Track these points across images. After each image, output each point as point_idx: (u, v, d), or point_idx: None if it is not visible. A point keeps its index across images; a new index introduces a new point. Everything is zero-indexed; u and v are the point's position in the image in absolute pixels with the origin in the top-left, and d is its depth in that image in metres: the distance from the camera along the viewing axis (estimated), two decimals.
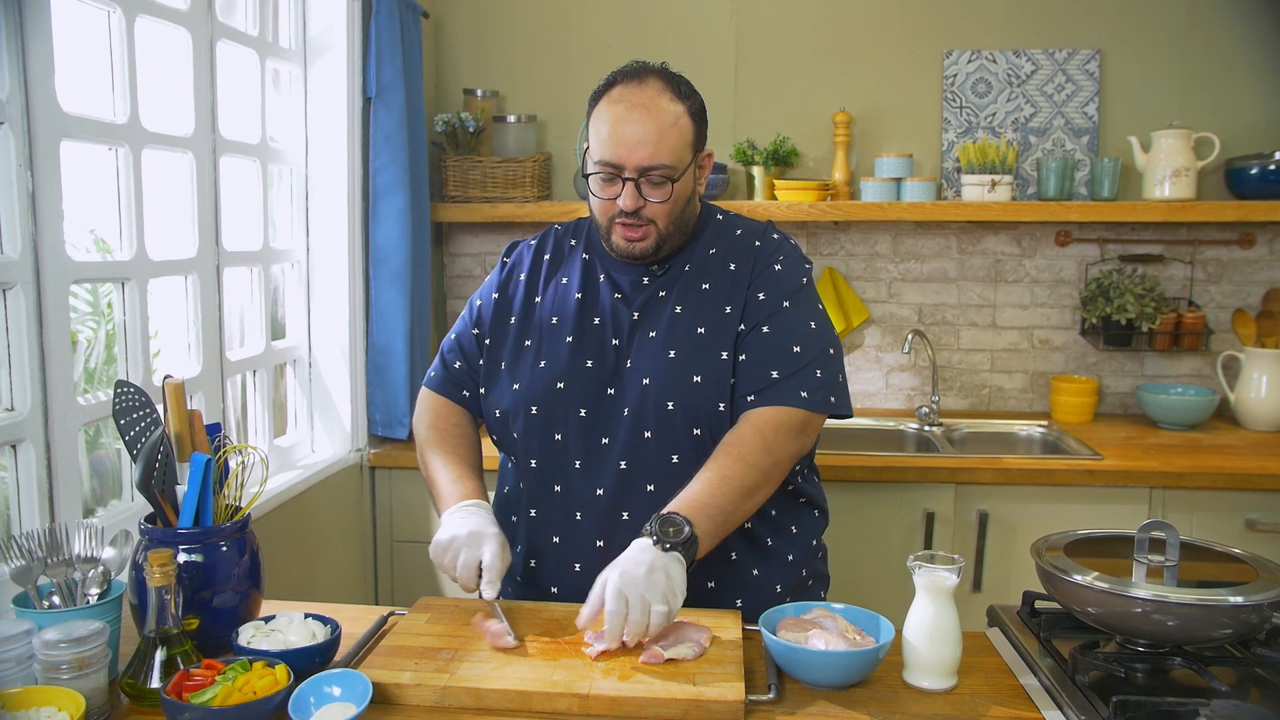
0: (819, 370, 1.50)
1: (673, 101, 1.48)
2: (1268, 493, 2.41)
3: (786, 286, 1.55)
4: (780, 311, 1.53)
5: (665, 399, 1.49)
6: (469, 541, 1.41)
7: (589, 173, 1.51)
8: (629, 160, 1.45)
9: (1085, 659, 1.23)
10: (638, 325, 1.55)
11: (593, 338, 1.55)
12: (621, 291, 1.58)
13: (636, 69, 1.51)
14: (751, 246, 1.58)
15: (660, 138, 1.45)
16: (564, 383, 1.53)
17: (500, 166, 2.92)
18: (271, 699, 1.10)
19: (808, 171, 3.06)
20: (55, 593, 1.26)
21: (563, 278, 1.62)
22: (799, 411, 1.48)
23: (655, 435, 1.50)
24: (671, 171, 1.47)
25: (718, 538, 1.40)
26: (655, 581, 1.26)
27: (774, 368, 1.49)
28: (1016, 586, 2.46)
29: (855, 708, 1.18)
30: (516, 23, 3.08)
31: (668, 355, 1.51)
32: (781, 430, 1.47)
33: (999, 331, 3.09)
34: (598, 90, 1.52)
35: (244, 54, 2.22)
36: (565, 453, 1.53)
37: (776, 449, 1.46)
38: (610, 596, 1.25)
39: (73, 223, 1.66)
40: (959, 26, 2.99)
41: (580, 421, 1.52)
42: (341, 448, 2.57)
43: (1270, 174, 2.75)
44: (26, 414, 1.53)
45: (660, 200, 1.48)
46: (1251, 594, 1.18)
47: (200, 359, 2.03)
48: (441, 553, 1.43)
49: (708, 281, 1.56)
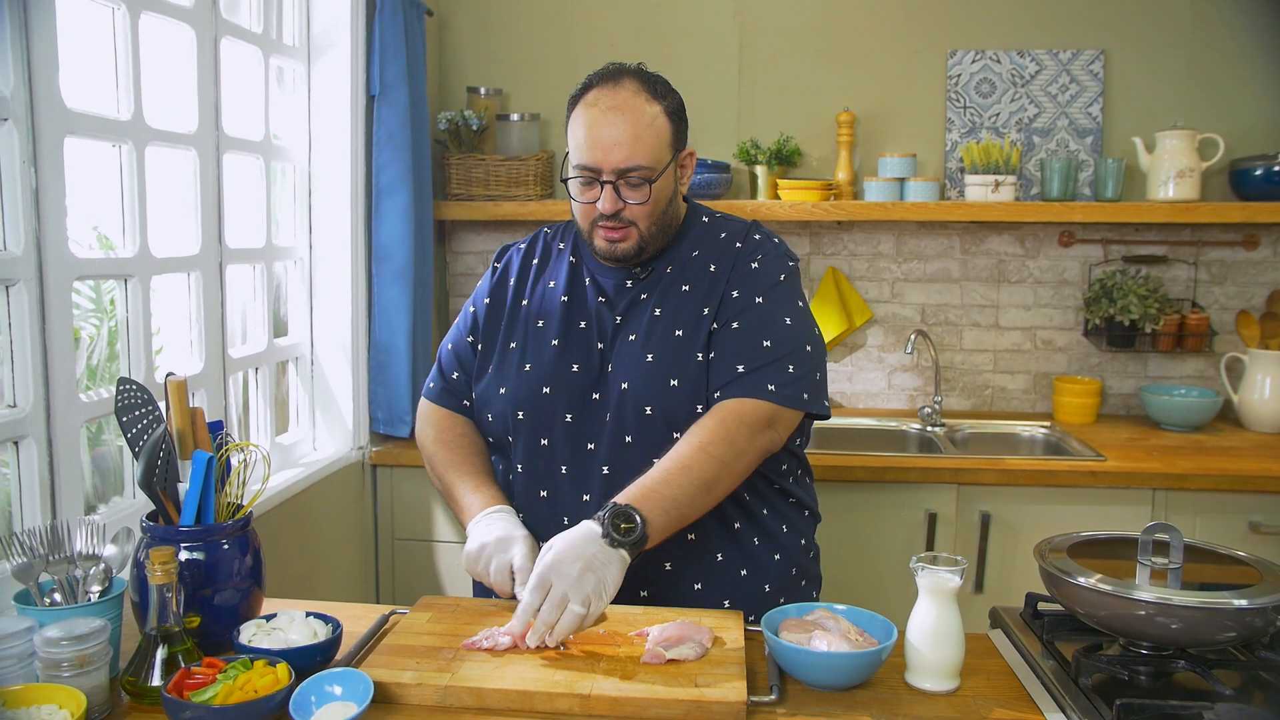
0: (791, 366, 1.47)
1: (649, 102, 1.47)
2: (1271, 495, 2.40)
3: (762, 283, 1.53)
4: (752, 307, 1.50)
5: (644, 403, 1.48)
6: (498, 547, 1.41)
7: (567, 177, 1.50)
8: (605, 163, 1.45)
9: (1088, 661, 1.23)
10: (620, 329, 1.54)
11: (578, 341, 1.54)
12: (605, 295, 1.57)
13: (612, 71, 1.50)
14: (732, 248, 1.57)
15: (636, 139, 1.44)
16: (550, 387, 1.52)
17: (503, 165, 2.91)
18: (273, 698, 1.10)
19: (811, 171, 3.06)
20: (56, 590, 1.26)
21: (549, 281, 1.61)
22: (765, 404, 1.44)
23: (636, 440, 1.49)
24: (649, 173, 1.46)
25: (669, 532, 1.37)
26: (584, 583, 1.25)
27: (740, 362, 1.46)
28: (1019, 588, 2.44)
29: (857, 709, 1.18)
30: (520, 21, 3.08)
31: (646, 359, 1.50)
32: (745, 423, 1.43)
33: (1002, 332, 3.09)
34: (574, 94, 1.51)
35: (248, 51, 2.22)
36: (552, 458, 1.52)
37: (739, 441, 1.42)
38: (532, 585, 1.25)
39: (76, 219, 1.66)
40: (963, 26, 2.98)
41: (566, 427, 1.52)
42: (343, 445, 2.57)
43: (1275, 175, 2.75)
44: (29, 410, 1.53)
45: (639, 201, 1.47)
46: (1255, 597, 1.18)
47: (202, 356, 2.03)
48: (474, 562, 1.43)
49: (688, 284, 1.54)
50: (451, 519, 2.62)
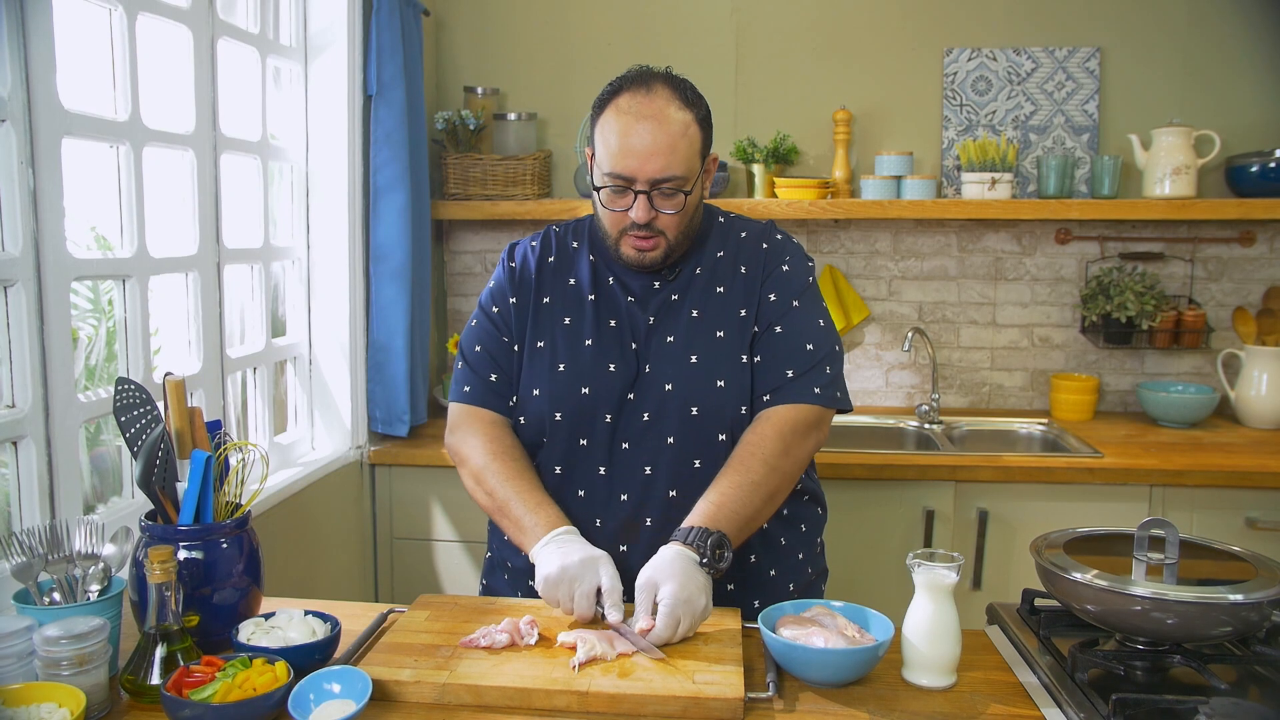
0: (828, 367, 1.53)
1: (680, 110, 1.46)
2: (1268, 490, 2.41)
3: (795, 286, 1.56)
4: (792, 311, 1.54)
5: (690, 404, 1.49)
6: (582, 570, 1.35)
7: (599, 185, 1.49)
8: (641, 172, 1.44)
9: (1085, 657, 1.23)
10: (654, 330, 1.54)
11: (612, 341, 1.54)
12: (634, 295, 1.57)
13: (642, 75, 1.48)
14: (759, 249, 1.59)
15: (672, 149, 1.43)
16: (589, 388, 1.52)
17: (500, 164, 2.91)
18: (271, 695, 1.10)
19: (808, 169, 3.06)
20: (56, 589, 1.26)
21: (569, 279, 1.60)
22: (813, 408, 1.50)
23: (678, 440, 1.50)
24: (683, 182, 1.46)
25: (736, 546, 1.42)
26: (704, 610, 1.31)
27: (789, 366, 1.51)
28: (1016, 584, 2.46)
29: (854, 705, 1.18)
30: (517, 20, 3.08)
31: (689, 360, 1.51)
32: (800, 430, 1.49)
33: (999, 329, 3.09)
34: (602, 97, 1.49)
35: (245, 51, 2.22)
36: (590, 459, 1.52)
37: (795, 449, 1.48)
38: (664, 618, 1.27)
39: (74, 220, 1.66)
40: (959, 24, 2.98)
41: (606, 427, 1.52)
42: (341, 445, 2.57)
43: (1271, 171, 2.75)
44: (27, 411, 1.53)
45: (673, 211, 1.47)
46: (1251, 592, 1.18)
47: (201, 356, 2.03)
48: (554, 587, 1.35)
49: (721, 285, 1.56)
50: (449, 518, 2.62)
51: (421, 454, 2.59)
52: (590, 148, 1.52)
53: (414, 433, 2.70)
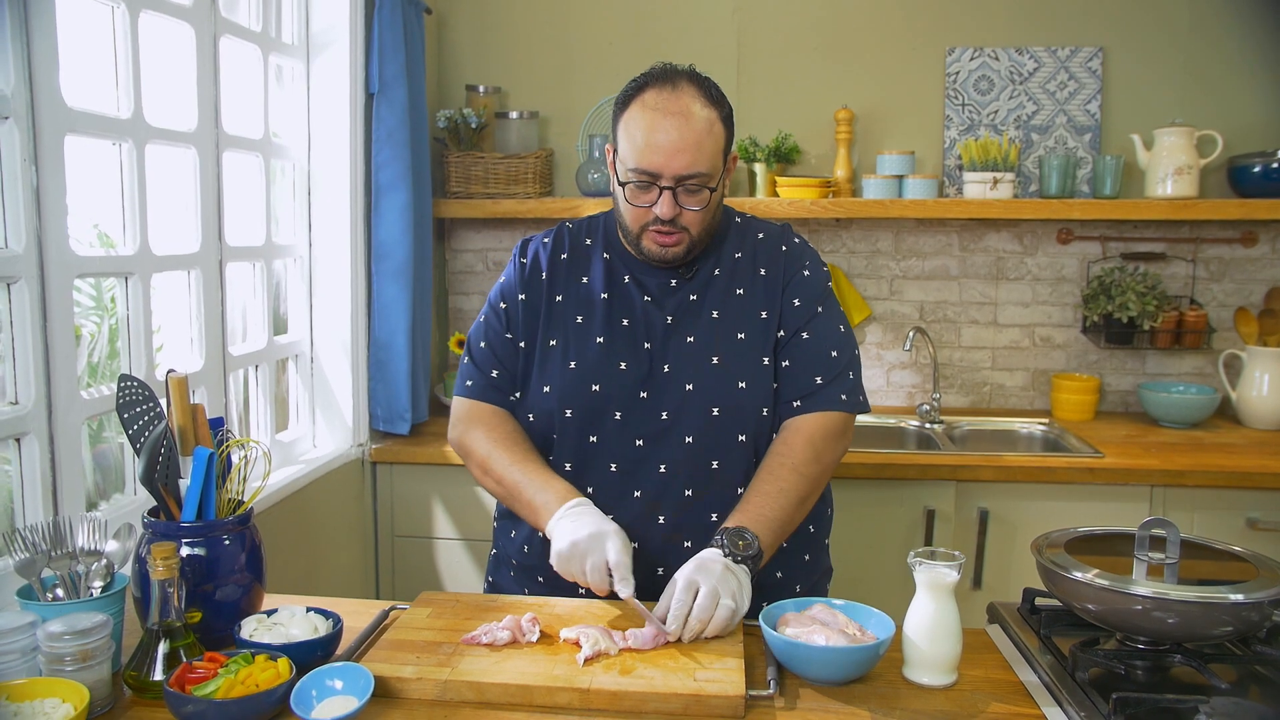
0: (851, 373, 1.56)
1: (705, 107, 1.46)
2: (1269, 491, 2.41)
3: (818, 291, 1.58)
4: (816, 317, 1.56)
5: (711, 405, 1.50)
6: (591, 544, 1.35)
7: (623, 181, 1.49)
8: (666, 169, 1.44)
9: (1085, 656, 1.23)
10: (672, 329, 1.54)
11: (624, 339, 1.54)
12: (650, 294, 1.57)
13: (667, 72, 1.48)
14: (779, 251, 1.60)
15: (698, 146, 1.44)
16: (599, 385, 1.52)
17: (502, 162, 2.92)
18: (274, 692, 1.10)
19: (809, 168, 3.06)
20: (59, 585, 1.27)
21: (582, 276, 1.60)
22: (841, 415, 1.53)
23: (697, 440, 1.50)
24: (708, 179, 1.46)
25: (773, 550, 1.44)
26: (728, 580, 1.31)
27: (817, 373, 1.53)
28: (1017, 583, 2.46)
29: (855, 703, 1.19)
30: (519, 19, 3.08)
31: (711, 361, 1.52)
32: (830, 437, 1.51)
33: (1000, 329, 3.09)
34: (627, 93, 1.49)
35: (247, 49, 2.22)
36: (600, 455, 1.53)
37: (825, 456, 1.51)
38: (682, 586, 1.29)
39: (76, 217, 1.66)
40: (961, 23, 2.98)
41: (617, 424, 1.52)
42: (343, 443, 2.58)
43: (1273, 172, 2.75)
44: (30, 408, 1.54)
45: (698, 208, 1.48)
46: (1252, 591, 1.19)
47: (203, 353, 2.03)
48: (566, 561, 1.37)
49: (741, 287, 1.56)
50: (450, 516, 2.62)
51: (423, 452, 2.59)
52: (612, 144, 1.52)
53: (415, 431, 2.70)
